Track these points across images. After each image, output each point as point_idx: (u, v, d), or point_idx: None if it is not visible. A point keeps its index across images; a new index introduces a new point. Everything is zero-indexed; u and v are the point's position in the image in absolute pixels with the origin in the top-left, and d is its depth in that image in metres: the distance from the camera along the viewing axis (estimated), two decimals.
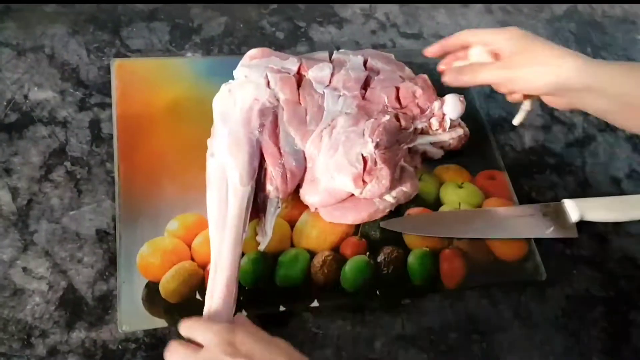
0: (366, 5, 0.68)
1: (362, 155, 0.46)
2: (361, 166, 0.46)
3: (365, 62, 0.54)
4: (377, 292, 0.47)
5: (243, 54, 0.58)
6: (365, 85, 0.52)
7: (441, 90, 0.52)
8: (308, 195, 0.48)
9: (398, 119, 0.50)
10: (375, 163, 0.46)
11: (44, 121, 0.51)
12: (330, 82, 0.51)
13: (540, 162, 0.60)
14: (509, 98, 0.50)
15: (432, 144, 0.53)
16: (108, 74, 0.54)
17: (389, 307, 0.47)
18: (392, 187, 0.48)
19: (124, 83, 0.53)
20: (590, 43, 0.72)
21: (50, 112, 0.52)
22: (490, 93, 0.62)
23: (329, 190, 0.48)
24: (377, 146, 0.46)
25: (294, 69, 0.51)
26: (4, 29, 0.56)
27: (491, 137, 0.58)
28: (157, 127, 0.51)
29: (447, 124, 0.51)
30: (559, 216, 0.52)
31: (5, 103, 0.51)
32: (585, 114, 0.60)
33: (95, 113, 0.52)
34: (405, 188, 0.49)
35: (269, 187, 0.46)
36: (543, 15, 0.73)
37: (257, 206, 0.46)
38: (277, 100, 0.49)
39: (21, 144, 0.49)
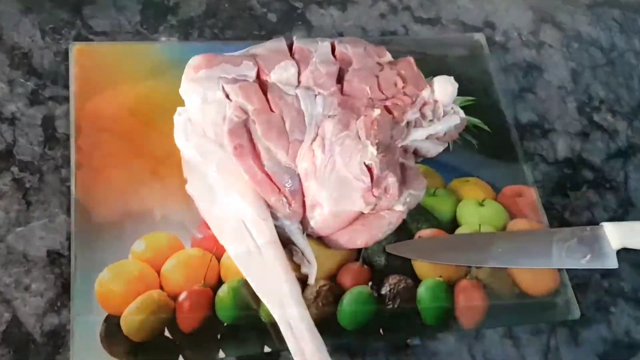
0: None
1: (365, 164, 0.42)
2: (368, 178, 0.42)
3: (332, 50, 0.48)
4: (381, 330, 0.43)
5: (228, 38, 0.54)
6: (340, 78, 0.47)
7: (430, 73, 0.48)
8: (313, 223, 0.44)
9: (389, 111, 0.45)
10: (380, 170, 0.42)
11: None
12: (299, 82, 0.46)
13: (576, 176, 0.55)
14: None
15: (428, 137, 0.49)
16: (66, 60, 0.49)
17: (395, 348, 0.43)
18: (400, 193, 0.44)
19: (84, 72, 0.49)
20: (639, 35, 0.66)
21: None
22: (519, 92, 0.56)
23: (334, 213, 0.43)
24: (377, 148, 0.43)
25: (252, 74, 0.45)
26: None
27: (518, 146, 0.53)
28: (123, 126, 0.47)
29: (441, 111, 0.48)
30: (597, 242, 0.48)
31: None
32: (630, 119, 0.54)
33: (49, 108, 0.48)
34: (414, 190, 0.45)
35: (278, 215, 0.43)
36: (582, 0, 0.67)
37: (281, 239, 0.43)
38: (245, 112, 0.44)
39: None
